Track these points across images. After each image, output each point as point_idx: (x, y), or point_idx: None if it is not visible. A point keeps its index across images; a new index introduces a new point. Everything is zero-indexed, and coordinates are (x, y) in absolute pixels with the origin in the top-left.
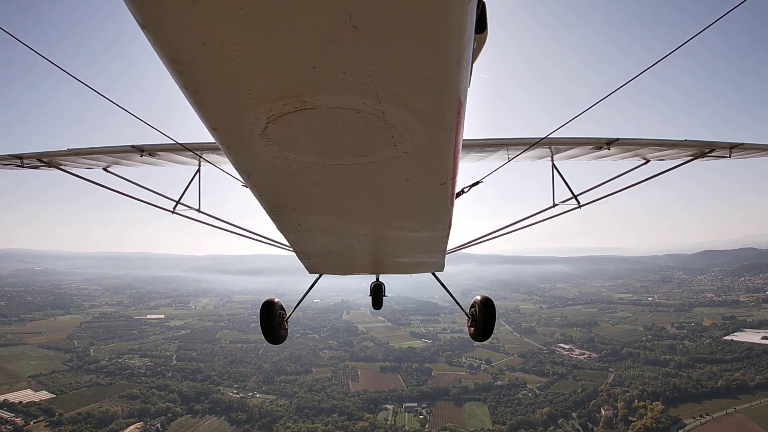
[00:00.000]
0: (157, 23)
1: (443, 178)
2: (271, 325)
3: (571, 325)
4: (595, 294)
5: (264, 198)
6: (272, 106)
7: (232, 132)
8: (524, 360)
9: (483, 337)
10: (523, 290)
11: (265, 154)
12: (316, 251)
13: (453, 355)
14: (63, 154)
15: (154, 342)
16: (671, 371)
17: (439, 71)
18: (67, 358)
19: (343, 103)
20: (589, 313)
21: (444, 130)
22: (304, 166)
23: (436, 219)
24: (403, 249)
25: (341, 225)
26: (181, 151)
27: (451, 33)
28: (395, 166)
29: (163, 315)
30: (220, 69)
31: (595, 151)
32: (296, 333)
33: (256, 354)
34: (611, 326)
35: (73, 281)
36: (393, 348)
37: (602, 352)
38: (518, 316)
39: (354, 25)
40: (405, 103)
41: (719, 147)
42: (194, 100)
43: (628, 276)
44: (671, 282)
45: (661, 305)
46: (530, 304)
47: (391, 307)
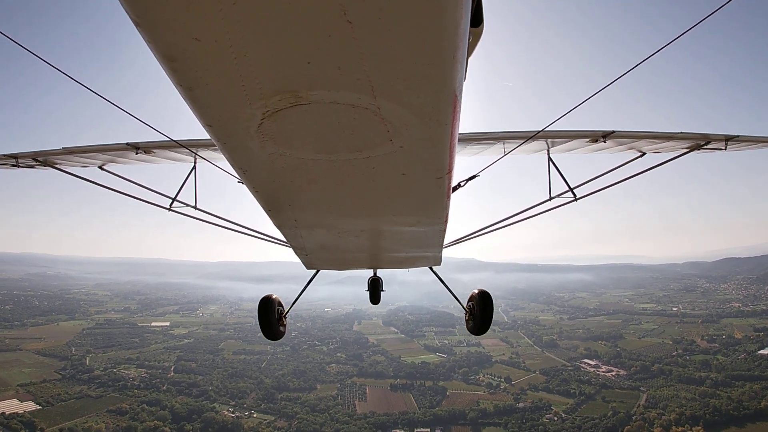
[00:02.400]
0: (152, 20)
1: (439, 173)
2: (270, 321)
3: (595, 339)
4: (617, 304)
5: (260, 194)
6: (267, 102)
7: (227, 129)
8: (547, 378)
9: (481, 330)
10: (541, 300)
11: (260, 150)
12: (313, 247)
13: (470, 372)
14: (58, 153)
15: (155, 351)
16: (708, 390)
17: (434, 66)
18: (61, 366)
19: (338, 99)
20: (613, 324)
21: (440, 125)
22: (300, 162)
23: (432, 213)
24: (400, 244)
25: (338, 221)
26: (177, 148)
27: (446, 27)
28: (391, 161)
29: (168, 322)
30: (214, 65)
31: (591, 143)
32: (303, 345)
33: (259, 367)
34: (638, 339)
35: (83, 286)
36: (405, 363)
37: (631, 368)
38: (538, 328)
39: (348, 19)
40: (400, 97)
41: (715, 139)
42: (189, 97)
43: (649, 285)
44: (694, 291)
45: (687, 316)
46: (550, 315)
47: (405, 317)
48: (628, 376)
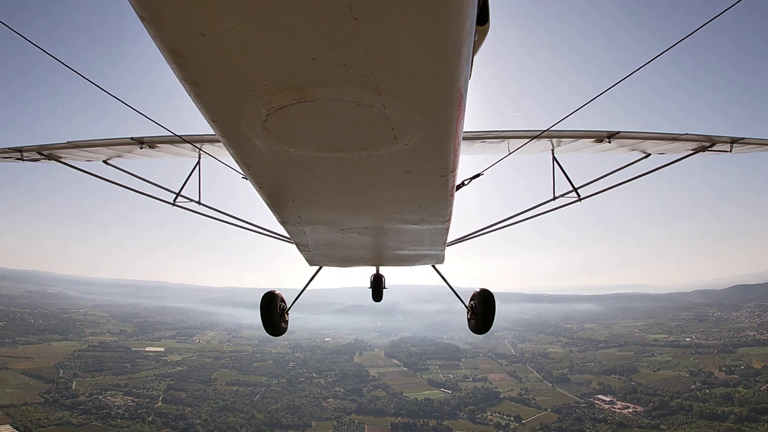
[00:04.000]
0: (157, 15)
1: (443, 171)
2: (272, 317)
3: (608, 372)
4: (627, 335)
5: (264, 190)
6: (272, 98)
7: (232, 124)
8: (560, 416)
9: (483, 329)
10: (549, 331)
11: (265, 146)
12: (316, 243)
13: (477, 410)
14: (63, 147)
15: (145, 378)
16: (733, 426)
17: (439, 63)
18: (46, 389)
19: (343, 96)
20: (625, 357)
21: (444, 123)
22: (305, 159)
23: (436, 211)
24: (404, 241)
25: (341, 218)
26: (181, 143)
27: (452, 25)
28: (396, 158)
29: (162, 348)
30: (219, 61)
31: (596, 144)
32: (300, 377)
33: (251, 400)
34: (653, 372)
35: (82, 306)
36: (407, 399)
37: (648, 404)
38: (547, 361)
39: (354, 16)
40: (405, 95)
41: (720, 141)
42: (194, 93)
43: (659, 315)
44: (706, 320)
45: (702, 346)
46: (558, 347)
47: (408, 349)
48: (646, 413)
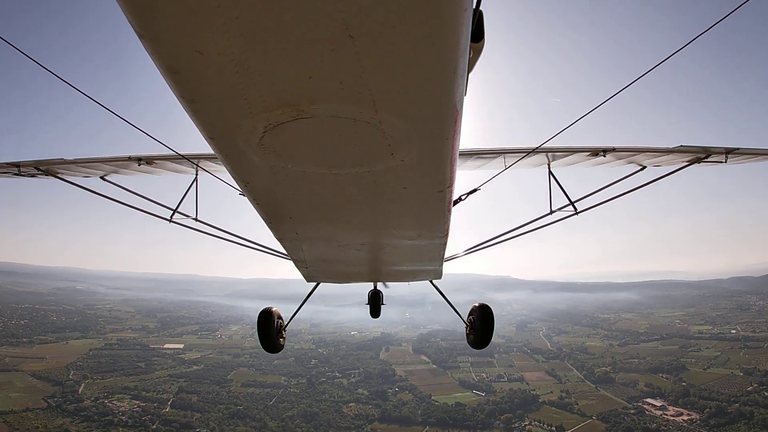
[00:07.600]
0: (155, 32)
1: (440, 186)
2: (269, 334)
3: (655, 371)
4: (668, 326)
5: (261, 207)
6: (269, 115)
7: (229, 141)
8: (608, 426)
9: (482, 344)
10: (585, 323)
11: (262, 163)
12: (314, 260)
13: (513, 418)
14: (60, 163)
15: (157, 380)
16: None
17: (435, 80)
18: (51, 392)
19: (340, 112)
20: (670, 351)
21: (441, 139)
22: (302, 175)
23: (433, 227)
24: (401, 257)
25: (339, 234)
26: (179, 159)
27: (448, 42)
28: (393, 174)
29: (182, 345)
30: (216, 78)
31: (592, 158)
32: (321, 377)
33: (265, 405)
34: (703, 371)
35: (108, 302)
36: (436, 404)
37: (704, 410)
38: (587, 357)
39: (350, 34)
40: (402, 111)
41: (715, 152)
42: (191, 110)
43: (698, 303)
44: (749, 310)
45: (750, 339)
46: (597, 341)
47: (437, 344)
48: (702, 422)
